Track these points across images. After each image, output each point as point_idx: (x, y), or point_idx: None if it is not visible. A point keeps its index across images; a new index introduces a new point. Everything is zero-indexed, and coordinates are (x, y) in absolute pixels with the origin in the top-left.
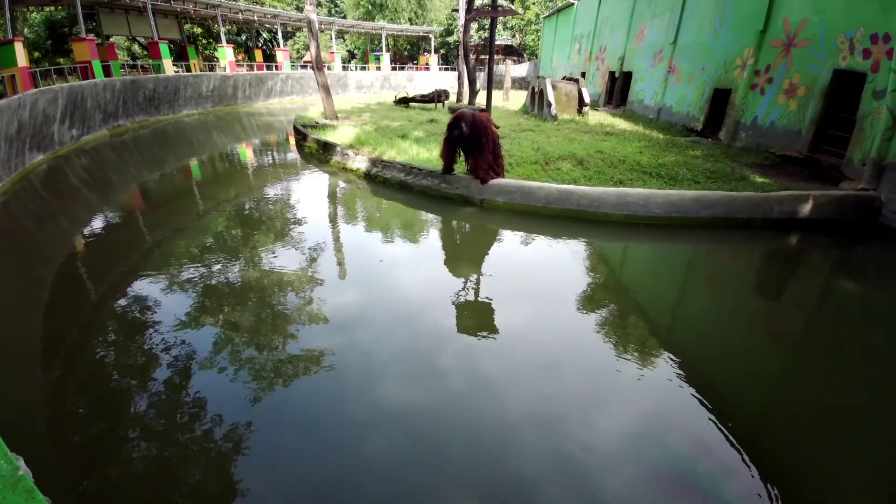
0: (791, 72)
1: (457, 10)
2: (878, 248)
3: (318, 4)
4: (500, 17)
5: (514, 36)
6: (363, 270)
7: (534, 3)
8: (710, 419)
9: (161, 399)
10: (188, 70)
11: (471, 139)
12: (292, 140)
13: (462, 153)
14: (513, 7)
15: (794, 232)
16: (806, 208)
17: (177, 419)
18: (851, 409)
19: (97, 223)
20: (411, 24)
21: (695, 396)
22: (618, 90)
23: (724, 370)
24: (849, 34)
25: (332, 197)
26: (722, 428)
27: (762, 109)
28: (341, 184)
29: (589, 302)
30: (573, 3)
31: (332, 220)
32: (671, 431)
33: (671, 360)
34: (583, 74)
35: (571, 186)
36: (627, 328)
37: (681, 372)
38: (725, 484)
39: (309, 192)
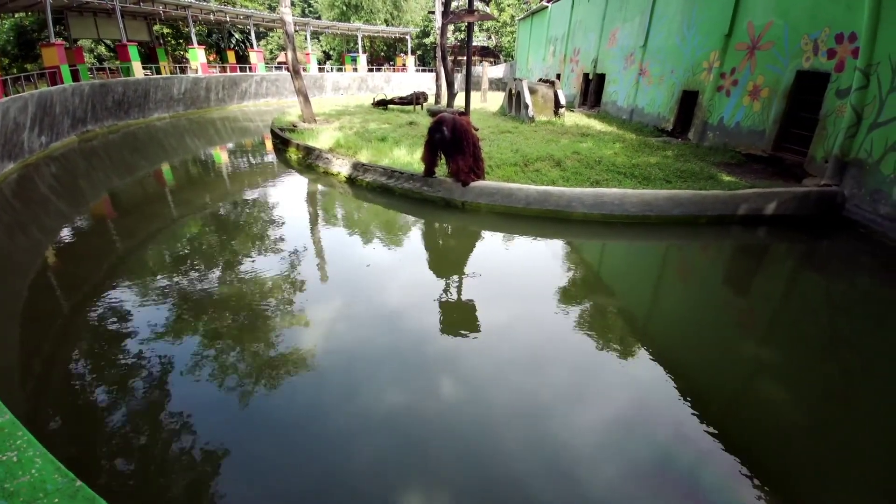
0: (755, 74)
1: (433, 13)
2: (841, 241)
3: (292, 4)
4: (477, 21)
5: (490, 38)
6: (349, 275)
7: (509, 6)
8: (689, 410)
9: (138, 410)
10: (158, 72)
11: (452, 142)
12: (269, 144)
13: (443, 156)
14: (489, 11)
15: (762, 227)
16: (771, 205)
17: (154, 430)
18: (817, 391)
19: (69, 231)
20: (387, 25)
21: (673, 387)
22: (592, 91)
23: (701, 360)
24: (813, 35)
25: (314, 201)
26: (700, 417)
27: (728, 110)
28: (322, 188)
29: (570, 299)
30: (547, 6)
31: (314, 224)
32: (652, 422)
33: (649, 352)
34: (558, 76)
35: (550, 188)
36: (607, 323)
37: (659, 364)
38: (705, 473)
39: (289, 197)
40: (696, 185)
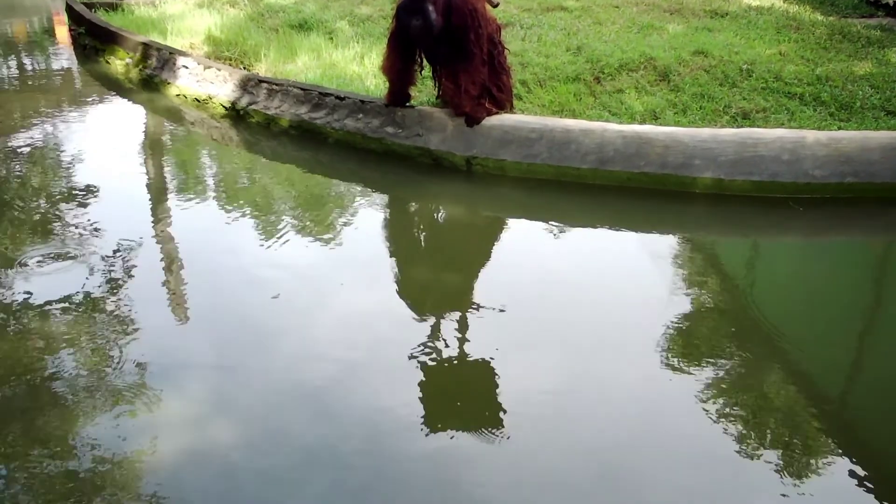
0: None
1: None
2: None
3: None
4: None
5: None
6: (235, 312)
7: None
8: None
9: None
10: None
11: (445, 36)
12: (63, 34)
13: (427, 64)
14: None
15: None
16: None
17: None
18: None
19: None
20: None
21: None
22: None
23: None
24: None
25: (157, 158)
26: None
27: None
28: (176, 129)
29: (695, 360)
30: None
31: (159, 207)
32: None
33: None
34: None
35: (649, 127)
36: (773, 406)
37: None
38: None
39: (108, 150)
40: None
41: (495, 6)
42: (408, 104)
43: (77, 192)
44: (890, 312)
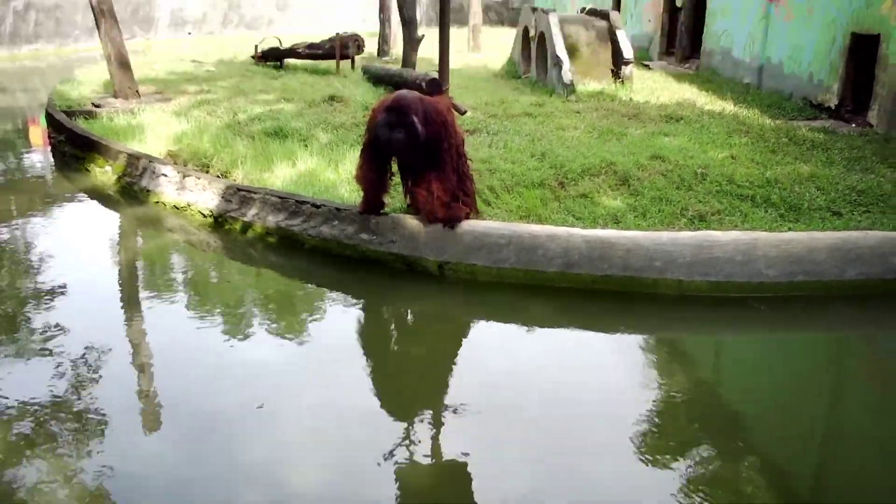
0: None
1: None
2: None
3: None
4: None
5: None
6: (216, 424)
7: None
8: None
9: None
10: None
11: (420, 148)
12: (38, 137)
13: (399, 173)
14: None
15: None
16: None
17: None
18: None
19: None
20: None
21: None
22: (683, 30)
23: None
24: None
25: (131, 267)
26: None
27: None
28: (152, 234)
29: (661, 453)
30: None
31: (133, 314)
32: None
33: None
34: (617, 1)
35: (611, 231)
36: (746, 501)
37: None
38: None
39: (85, 260)
40: (892, 221)
41: (463, 114)
42: (381, 212)
43: (46, 293)
44: (849, 403)
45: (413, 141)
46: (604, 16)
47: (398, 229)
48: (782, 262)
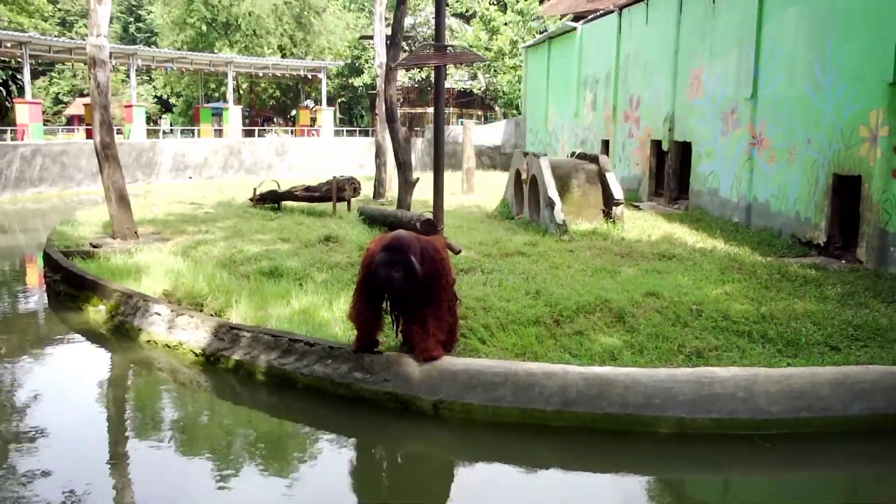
0: None
1: (368, 38)
2: None
3: (109, 21)
4: (452, 64)
5: (475, 76)
6: None
7: (506, 25)
8: None
9: None
10: None
11: (417, 289)
12: (34, 276)
13: (392, 310)
14: (473, 50)
15: None
16: None
17: None
18: None
19: None
20: (284, 55)
21: None
22: (671, 172)
23: None
24: None
25: (116, 398)
26: None
27: None
28: (141, 373)
29: None
30: (575, 28)
31: (115, 452)
32: None
33: None
34: (605, 144)
35: (609, 369)
36: None
37: None
38: None
39: (68, 391)
40: (890, 354)
41: (458, 253)
42: (375, 350)
43: (29, 435)
44: None
45: (411, 279)
46: (593, 159)
47: (392, 368)
48: (785, 397)
